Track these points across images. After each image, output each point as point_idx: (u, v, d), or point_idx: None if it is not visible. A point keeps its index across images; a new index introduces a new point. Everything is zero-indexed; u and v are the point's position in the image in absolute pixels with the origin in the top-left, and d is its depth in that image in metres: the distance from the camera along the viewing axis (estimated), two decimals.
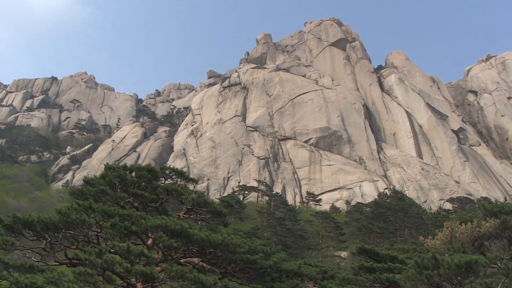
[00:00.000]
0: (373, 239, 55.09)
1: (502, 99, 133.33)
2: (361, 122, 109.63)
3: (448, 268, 15.39)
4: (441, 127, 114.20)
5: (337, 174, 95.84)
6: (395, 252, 28.32)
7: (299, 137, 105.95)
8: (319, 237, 55.51)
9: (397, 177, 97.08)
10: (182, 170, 24.87)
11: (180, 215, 21.11)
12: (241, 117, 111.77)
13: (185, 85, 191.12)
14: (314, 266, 30.27)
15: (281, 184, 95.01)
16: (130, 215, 17.91)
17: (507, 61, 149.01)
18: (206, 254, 18.23)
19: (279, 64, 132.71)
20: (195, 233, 17.25)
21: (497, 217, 20.75)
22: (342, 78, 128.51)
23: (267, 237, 46.52)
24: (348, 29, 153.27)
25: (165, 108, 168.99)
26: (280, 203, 69.20)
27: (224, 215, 22.38)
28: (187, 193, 21.05)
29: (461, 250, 17.98)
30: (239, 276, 18.80)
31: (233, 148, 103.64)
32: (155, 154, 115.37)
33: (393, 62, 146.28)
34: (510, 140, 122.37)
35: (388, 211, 63.57)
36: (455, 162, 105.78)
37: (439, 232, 22.89)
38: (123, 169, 21.28)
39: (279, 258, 19.92)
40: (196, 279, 15.56)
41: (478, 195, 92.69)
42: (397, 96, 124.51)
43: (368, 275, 24.38)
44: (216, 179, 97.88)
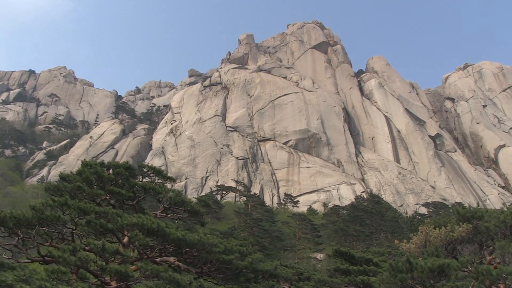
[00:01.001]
0: (349, 241, 55.51)
1: (478, 107, 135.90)
2: (340, 125, 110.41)
3: (421, 272, 15.62)
4: (419, 133, 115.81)
5: (315, 177, 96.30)
6: (370, 255, 28.61)
7: (279, 139, 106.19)
8: (295, 239, 55.72)
9: (374, 181, 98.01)
10: (160, 168, 24.68)
11: (157, 214, 20.97)
12: (221, 117, 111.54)
13: (165, 83, 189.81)
14: (290, 267, 30.30)
15: (259, 185, 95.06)
16: (106, 212, 17.69)
17: (483, 70, 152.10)
18: (182, 254, 18.11)
19: (261, 65, 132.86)
20: (172, 232, 17.13)
21: (469, 222, 21.15)
22: (323, 81, 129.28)
23: (244, 238, 46.45)
24: (330, 32, 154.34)
25: (145, 106, 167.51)
26: (257, 204, 69.12)
27: (201, 214, 22.31)
28: (164, 191, 20.92)
29: (434, 254, 18.27)
30: (214, 276, 18.73)
31: (212, 148, 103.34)
32: (133, 152, 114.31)
33: (373, 67, 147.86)
34: (484, 147, 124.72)
35: (364, 214, 64.15)
36: (432, 167, 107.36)
37: (414, 236, 23.21)
38: (101, 166, 21.04)
39: (255, 259, 19.85)
40: (171, 279, 15.45)
41: (453, 200, 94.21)
42: (376, 101, 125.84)
43: (344, 277, 24.58)
44: (194, 179, 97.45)
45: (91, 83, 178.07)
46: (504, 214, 20.08)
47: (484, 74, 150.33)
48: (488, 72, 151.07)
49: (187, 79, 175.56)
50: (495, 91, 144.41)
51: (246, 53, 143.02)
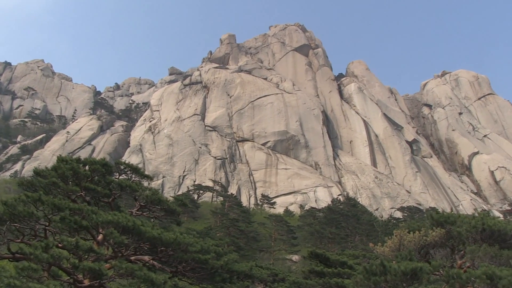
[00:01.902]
0: (324, 244, 55.86)
1: (454, 114, 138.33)
2: (319, 128, 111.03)
3: (394, 275, 15.79)
4: (396, 138, 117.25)
5: (292, 178, 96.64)
6: (345, 257, 28.80)
7: (257, 140, 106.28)
8: (271, 240, 55.85)
9: (351, 184, 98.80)
10: (137, 166, 24.48)
11: (133, 212, 20.79)
12: (200, 116, 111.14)
13: (145, 80, 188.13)
14: (265, 268, 30.35)
15: (237, 185, 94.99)
16: (81, 209, 17.44)
17: (460, 78, 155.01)
18: (157, 252, 17.99)
19: (242, 65, 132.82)
20: (147, 231, 16.99)
21: (443, 226, 21.52)
22: (303, 83, 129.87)
23: (220, 238, 46.40)
24: (312, 35, 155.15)
25: (123, 102, 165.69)
26: (234, 204, 69.13)
27: (178, 213, 22.20)
28: (141, 189, 20.76)
29: (408, 257, 18.50)
30: (189, 276, 18.64)
31: (190, 147, 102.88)
32: (110, 149, 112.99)
33: (353, 71, 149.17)
34: (459, 154, 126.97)
35: (340, 217, 64.64)
36: (408, 172, 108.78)
37: (388, 240, 23.46)
38: (77, 162, 20.75)
39: (231, 259, 19.84)
40: (146, 277, 15.30)
41: (427, 205, 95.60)
42: (355, 105, 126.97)
43: (318, 279, 24.70)
44: (172, 177, 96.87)
45: (70, 78, 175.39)
46: (475, 220, 20.51)
47: (461, 82, 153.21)
48: (465, 80, 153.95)
49: (167, 77, 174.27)
50: (470, 99, 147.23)
51: (228, 53, 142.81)
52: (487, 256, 17.97)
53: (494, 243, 19.18)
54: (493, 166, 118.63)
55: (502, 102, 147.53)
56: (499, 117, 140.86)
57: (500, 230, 19.79)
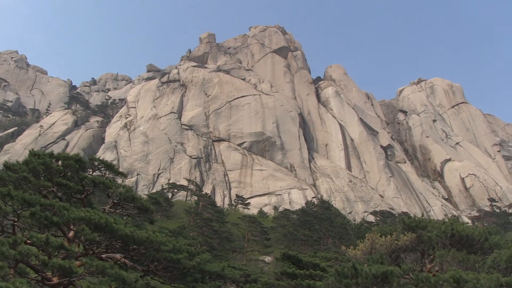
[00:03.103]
0: (297, 245, 56.11)
1: (428, 121, 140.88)
2: (295, 130, 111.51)
3: (365, 278, 15.97)
4: (371, 142, 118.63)
5: (267, 180, 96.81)
6: (317, 259, 28.99)
7: (233, 140, 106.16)
8: (244, 241, 55.82)
9: (326, 187, 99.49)
10: (111, 162, 24.19)
11: (106, 209, 20.54)
12: (177, 115, 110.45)
13: (122, 76, 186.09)
14: (237, 269, 30.37)
15: (211, 185, 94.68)
16: (52, 205, 17.14)
17: (435, 86, 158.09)
18: (129, 251, 17.80)
19: (220, 65, 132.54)
20: (120, 228, 16.80)
21: (414, 231, 21.90)
22: (281, 85, 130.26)
23: (193, 237, 46.17)
24: (291, 38, 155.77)
25: (99, 98, 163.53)
26: (208, 204, 68.93)
27: (151, 212, 22.00)
28: (114, 186, 20.52)
29: (379, 261, 18.74)
30: (161, 275, 18.50)
31: (166, 145, 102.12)
32: (85, 144, 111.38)
33: (331, 75, 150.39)
34: (432, 160, 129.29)
35: (314, 219, 65.01)
36: (381, 177, 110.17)
37: (360, 243, 23.72)
38: (49, 157, 20.39)
39: (203, 259, 19.78)
40: (117, 276, 15.13)
41: (400, 209, 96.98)
42: (332, 109, 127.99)
43: (290, 281, 24.80)
44: (146, 175, 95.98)
45: (45, 71, 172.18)
46: (445, 225, 20.96)
47: (436, 90, 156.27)
48: (439, 88, 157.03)
49: (145, 74, 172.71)
50: (444, 107, 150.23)
51: (207, 52, 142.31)
52: (455, 260, 18.36)
53: (462, 248, 19.63)
54: (464, 173, 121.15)
55: (474, 111, 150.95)
56: (471, 125, 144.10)
57: (468, 235, 20.26)
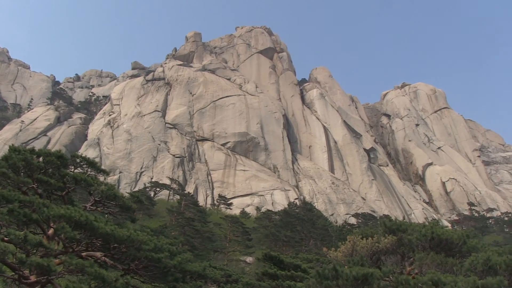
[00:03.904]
0: (279, 246, 56.19)
1: (411, 125, 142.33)
2: (279, 131, 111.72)
3: (346, 280, 16.07)
4: (355, 145, 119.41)
5: (250, 180, 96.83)
6: (299, 261, 29.07)
7: (217, 140, 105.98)
8: (226, 241, 55.78)
9: (308, 189, 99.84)
10: (94, 160, 23.97)
11: (87, 207, 20.34)
12: (161, 113, 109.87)
13: (107, 73, 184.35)
14: (219, 269, 30.32)
15: (194, 184, 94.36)
16: (31, 201, 16.91)
17: (418, 90, 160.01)
18: (110, 249, 17.64)
19: (206, 64, 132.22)
20: (100, 227, 16.65)
21: (394, 234, 22.12)
22: (266, 86, 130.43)
23: (175, 237, 46.00)
24: (277, 39, 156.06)
25: (83, 94, 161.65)
26: (191, 203, 68.68)
27: (133, 210, 21.85)
28: (96, 184, 20.32)
29: (360, 263, 18.90)
30: (142, 274, 18.36)
31: (149, 143, 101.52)
32: (67, 141, 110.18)
33: (317, 77, 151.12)
34: (414, 164, 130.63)
35: (296, 220, 65.20)
36: (364, 179, 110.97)
37: (342, 245, 23.88)
38: (30, 153, 20.12)
39: (184, 259, 19.67)
40: (97, 274, 14.98)
41: (381, 212, 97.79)
42: (316, 111, 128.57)
43: (271, 282, 24.85)
44: (129, 173, 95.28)
45: (27, 65, 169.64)
46: (425, 228, 21.21)
47: (419, 95, 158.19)
48: (423, 93, 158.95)
49: (130, 71, 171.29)
50: (427, 111, 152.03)
51: (192, 51, 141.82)
52: (434, 263, 18.59)
53: (441, 251, 19.88)
54: (445, 177, 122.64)
55: (456, 117, 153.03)
56: (453, 130, 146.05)
57: (447, 239, 20.52)
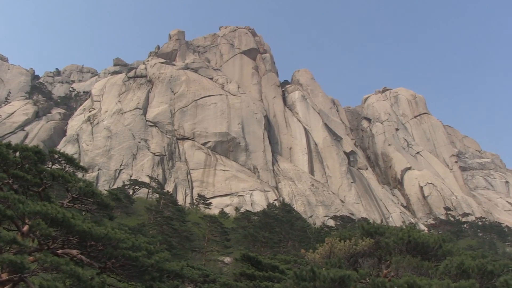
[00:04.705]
0: (257, 247, 56.18)
1: (391, 130, 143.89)
2: (260, 132, 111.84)
3: (323, 281, 16.14)
4: (335, 148, 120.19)
5: (230, 180, 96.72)
6: (277, 262, 29.14)
7: (198, 139, 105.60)
8: (204, 241, 55.55)
9: (288, 190, 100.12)
10: (72, 156, 23.67)
11: (64, 203, 20.04)
12: (142, 111, 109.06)
13: (88, 69, 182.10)
14: (196, 268, 30.17)
15: (174, 183, 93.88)
16: (6, 197, 16.59)
17: (399, 95, 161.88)
18: (86, 247, 17.38)
19: (188, 63, 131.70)
20: (77, 224, 16.42)
21: (372, 237, 22.34)
22: (248, 87, 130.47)
23: (153, 235, 45.67)
24: (261, 40, 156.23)
25: (63, 89, 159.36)
26: (170, 202, 68.34)
27: (111, 208, 21.62)
28: (74, 181, 20.06)
29: (337, 265, 19.01)
30: (118, 273, 18.13)
31: (130, 141, 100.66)
32: (45, 136, 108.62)
33: (299, 79, 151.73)
34: (393, 168, 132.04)
35: (275, 222, 65.24)
36: (343, 182, 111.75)
37: (320, 247, 23.99)
38: (6, 147, 19.76)
39: (162, 258, 19.52)
40: (72, 272, 14.75)
41: (360, 215, 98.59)
42: (298, 113, 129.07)
43: (249, 282, 24.85)
44: (108, 170, 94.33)
45: (5, 58, 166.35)
46: (402, 232, 21.47)
47: (400, 100, 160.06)
48: (403, 98, 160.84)
49: (112, 68, 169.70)
50: (407, 116, 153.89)
51: (175, 49, 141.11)
52: (410, 266, 18.83)
53: (417, 255, 20.15)
54: (423, 182, 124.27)
55: (435, 122, 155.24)
56: (432, 136, 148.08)
57: (423, 242, 20.81)
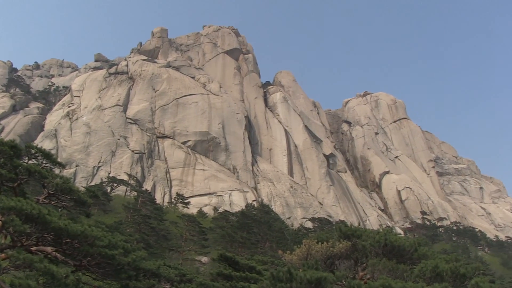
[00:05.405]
0: (235, 247, 56.16)
1: (370, 134, 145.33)
2: (240, 132, 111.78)
3: (300, 283, 16.23)
4: (315, 150, 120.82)
5: (209, 180, 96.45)
6: (254, 262, 29.16)
7: (178, 138, 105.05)
8: (182, 240, 55.33)
9: (267, 191, 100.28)
10: (49, 152, 23.35)
11: (40, 199, 19.75)
12: (122, 107, 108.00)
13: (68, 63, 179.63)
14: (173, 268, 30.03)
15: (152, 181, 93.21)
16: None
17: (379, 100, 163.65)
18: (61, 244, 17.14)
19: (171, 61, 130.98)
20: (53, 221, 16.18)
21: (349, 239, 22.55)
22: (230, 87, 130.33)
23: (130, 234, 45.33)
24: (244, 40, 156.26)
25: (42, 83, 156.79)
26: (148, 200, 67.86)
27: (88, 205, 21.40)
28: (51, 177, 19.78)
29: (314, 266, 19.13)
30: (94, 271, 17.92)
31: (109, 138, 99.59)
32: (22, 130, 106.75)
33: (281, 80, 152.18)
34: (371, 171, 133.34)
35: (253, 222, 65.30)
36: (322, 184, 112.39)
37: (297, 248, 24.13)
38: None
39: (139, 256, 19.36)
40: (46, 270, 14.52)
41: (337, 217, 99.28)
42: (279, 114, 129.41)
43: (225, 282, 24.82)
44: (86, 167, 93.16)
45: None
46: (379, 235, 21.72)
47: (380, 104, 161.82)
48: (384, 102, 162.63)
49: (92, 63, 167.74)
50: (387, 121, 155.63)
51: (158, 47, 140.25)
52: (385, 269, 19.05)
53: (393, 258, 20.41)
54: (400, 186, 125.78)
55: (414, 127, 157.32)
56: (410, 140, 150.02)
57: (399, 246, 21.07)
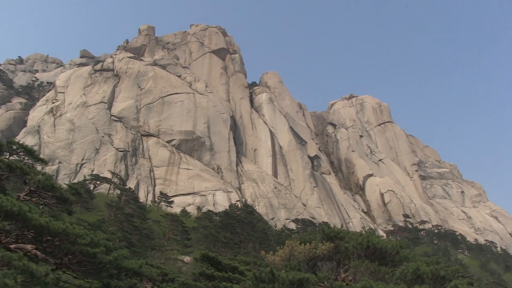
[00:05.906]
0: (218, 248, 56.09)
1: (355, 136, 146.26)
2: (226, 132, 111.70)
3: (282, 283, 16.28)
4: (299, 152, 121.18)
5: (193, 179, 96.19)
6: (236, 263, 29.15)
7: (163, 136, 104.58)
8: (165, 239, 55.01)
9: (251, 192, 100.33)
10: (32, 148, 23.04)
11: (21, 196, 19.49)
12: (107, 105, 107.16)
13: (53, 59, 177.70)
14: (155, 267, 29.84)
15: (136, 180, 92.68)
16: None
17: (365, 103, 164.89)
18: (42, 242, 16.94)
19: (157, 59, 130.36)
20: (34, 218, 15.98)
21: (332, 241, 22.66)
22: (216, 86, 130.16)
23: (112, 232, 44.90)
24: (231, 40, 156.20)
25: (25, 79, 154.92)
26: (131, 199, 67.41)
27: (70, 202, 21.18)
28: (33, 173, 19.54)
29: (296, 268, 19.20)
30: (74, 269, 17.72)
31: (93, 135, 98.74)
32: (3, 126, 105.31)
33: (267, 81, 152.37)
34: (355, 174, 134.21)
35: (236, 222, 65.29)
36: (306, 186, 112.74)
37: (280, 249, 24.18)
38: None
39: (121, 255, 19.20)
40: (25, 268, 14.29)
41: (321, 219, 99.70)
42: (264, 115, 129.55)
43: (208, 282, 24.78)
44: (69, 164, 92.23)
45: None
46: (362, 237, 21.87)
47: (365, 107, 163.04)
48: (369, 106, 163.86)
49: (78, 59, 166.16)
50: (372, 124, 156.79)
51: (145, 45, 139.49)
52: (367, 271, 19.18)
53: (375, 260, 20.56)
54: (384, 189, 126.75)
55: (398, 131, 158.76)
56: (394, 144, 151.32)
57: (381, 248, 21.23)
